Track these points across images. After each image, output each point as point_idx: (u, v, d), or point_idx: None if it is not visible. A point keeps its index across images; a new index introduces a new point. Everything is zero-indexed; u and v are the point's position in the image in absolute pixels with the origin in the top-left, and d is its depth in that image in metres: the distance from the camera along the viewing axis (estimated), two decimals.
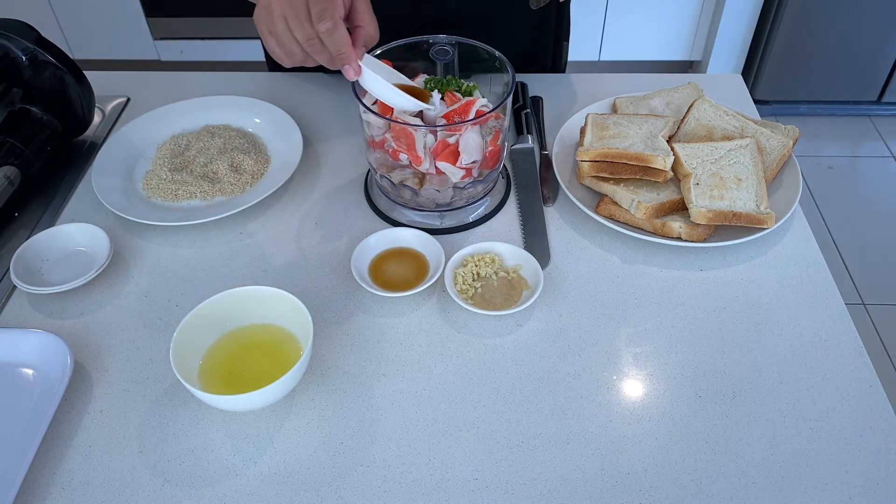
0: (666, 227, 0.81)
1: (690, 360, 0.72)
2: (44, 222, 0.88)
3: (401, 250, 0.81)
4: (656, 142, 0.84)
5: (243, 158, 0.92)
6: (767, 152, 0.88)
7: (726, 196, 0.81)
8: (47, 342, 0.70)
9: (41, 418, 0.65)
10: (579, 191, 0.87)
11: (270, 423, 0.67)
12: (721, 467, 0.63)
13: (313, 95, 1.06)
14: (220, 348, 0.69)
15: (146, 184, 0.90)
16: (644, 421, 0.67)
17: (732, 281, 0.79)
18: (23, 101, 0.92)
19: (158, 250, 0.84)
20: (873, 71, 2.42)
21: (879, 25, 2.28)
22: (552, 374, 0.70)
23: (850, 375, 0.70)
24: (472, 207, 0.86)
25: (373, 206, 0.88)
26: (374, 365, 0.71)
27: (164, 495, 0.62)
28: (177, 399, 0.69)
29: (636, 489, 0.62)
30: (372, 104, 0.80)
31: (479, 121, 0.78)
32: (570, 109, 1.02)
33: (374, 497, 0.62)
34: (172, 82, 1.09)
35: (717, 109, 0.91)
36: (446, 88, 0.81)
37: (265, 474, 0.63)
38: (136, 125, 0.97)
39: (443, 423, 0.67)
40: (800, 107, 2.56)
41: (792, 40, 2.35)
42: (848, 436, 0.65)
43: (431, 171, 0.80)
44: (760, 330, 0.74)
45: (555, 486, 0.62)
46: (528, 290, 0.76)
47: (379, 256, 0.80)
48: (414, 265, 0.79)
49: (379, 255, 0.80)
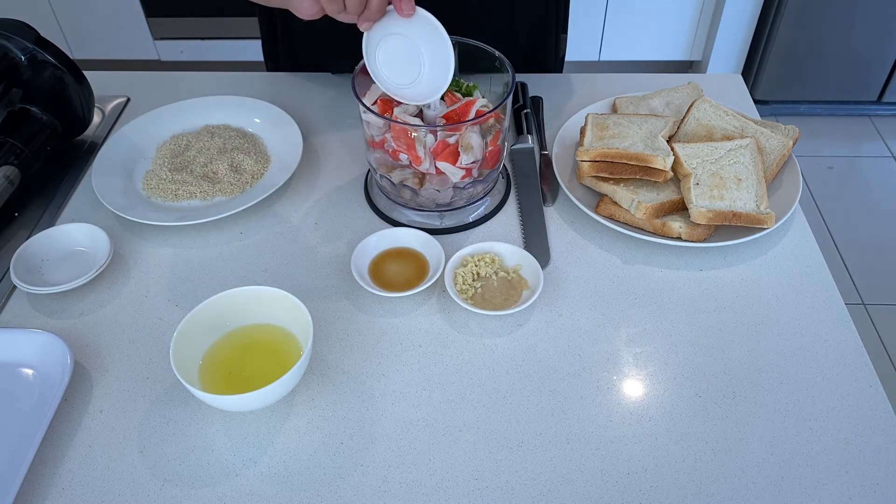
0: (666, 227, 0.81)
1: (690, 360, 0.72)
2: (44, 222, 0.88)
3: (401, 250, 0.81)
4: (656, 142, 0.84)
5: (243, 158, 0.92)
6: (767, 152, 0.88)
7: (726, 196, 0.81)
8: (47, 342, 0.70)
9: (41, 418, 0.65)
10: (579, 191, 0.87)
11: (270, 423, 0.67)
12: (721, 467, 0.63)
13: (313, 95, 1.06)
14: (220, 348, 0.69)
15: (146, 184, 0.90)
16: (644, 421, 0.67)
17: (732, 281, 0.79)
18: (23, 101, 0.92)
19: (158, 250, 0.84)
20: (873, 71, 2.42)
21: (879, 25, 2.28)
22: (552, 374, 0.70)
23: (850, 375, 0.70)
24: (472, 207, 0.86)
25: (373, 206, 0.88)
26: (374, 365, 0.71)
27: (164, 495, 0.62)
28: (177, 399, 0.69)
29: (636, 489, 0.62)
30: (372, 104, 0.80)
31: (479, 121, 0.78)
32: (570, 109, 1.02)
33: (374, 497, 0.62)
34: (172, 82, 1.09)
35: (717, 109, 0.91)
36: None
37: (265, 474, 0.63)
38: (136, 125, 0.97)
39: (443, 423, 0.67)
40: (800, 107, 2.56)
41: (792, 40, 2.35)
42: (848, 436, 0.65)
43: (431, 171, 0.80)
44: (760, 330, 0.74)
45: (555, 486, 0.62)
46: (528, 290, 0.76)
47: (379, 256, 0.80)
48: (414, 265, 0.79)
49: (379, 255, 0.80)
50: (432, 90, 0.73)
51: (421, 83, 0.72)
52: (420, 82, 0.72)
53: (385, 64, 0.73)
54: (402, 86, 0.74)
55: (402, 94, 0.75)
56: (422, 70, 0.71)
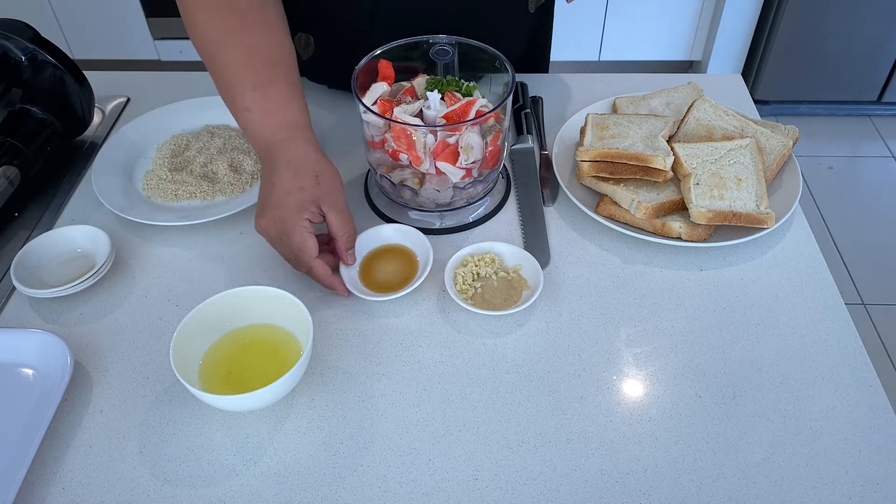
0: (666, 227, 0.81)
1: (690, 360, 0.72)
2: (44, 222, 0.88)
3: (387, 248, 0.81)
4: (656, 142, 0.84)
5: (243, 158, 0.92)
6: (767, 152, 0.88)
7: (726, 196, 0.81)
8: (47, 342, 0.70)
9: (41, 418, 0.65)
10: (579, 191, 0.87)
11: (270, 423, 0.67)
12: (721, 467, 0.63)
13: (313, 95, 1.06)
14: (220, 348, 0.69)
15: (146, 184, 0.90)
16: (644, 421, 0.67)
17: (732, 281, 0.79)
18: (23, 101, 0.92)
19: (158, 250, 0.84)
20: (873, 71, 2.42)
21: (879, 25, 2.28)
22: (552, 374, 0.70)
23: (850, 375, 0.70)
24: (472, 207, 0.86)
25: (373, 206, 0.88)
26: (374, 365, 0.71)
27: (164, 495, 0.62)
28: (177, 399, 0.69)
29: (636, 489, 0.62)
30: (372, 104, 0.80)
31: (479, 121, 0.78)
32: (570, 109, 1.02)
33: (374, 497, 0.62)
34: (172, 82, 1.09)
35: (717, 109, 0.91)
36: (446, 88, 0.81)
37: (265, 474, 0.63)
38: (136, 125, 0.97)
39: (443, 423, 0.67)
40: (800, 107, 2.56)
41: (792, 40, 2.35)
42: (848, 436, 0.65)
43: (431, 171, 0.80)
44: (760, 330, 0.74)
45: (555, 485, 0.62)
46: (528, 290, 0.76)
47: (367, 258, 0.80)
48: (403, 262, 0.79)
49: (367, 257, 0.80)
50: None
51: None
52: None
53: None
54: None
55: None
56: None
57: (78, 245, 0.81)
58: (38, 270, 0.79)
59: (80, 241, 0.81)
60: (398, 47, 0.84)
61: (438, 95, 0.80)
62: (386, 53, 0.84)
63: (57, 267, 0.80)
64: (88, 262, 0.80)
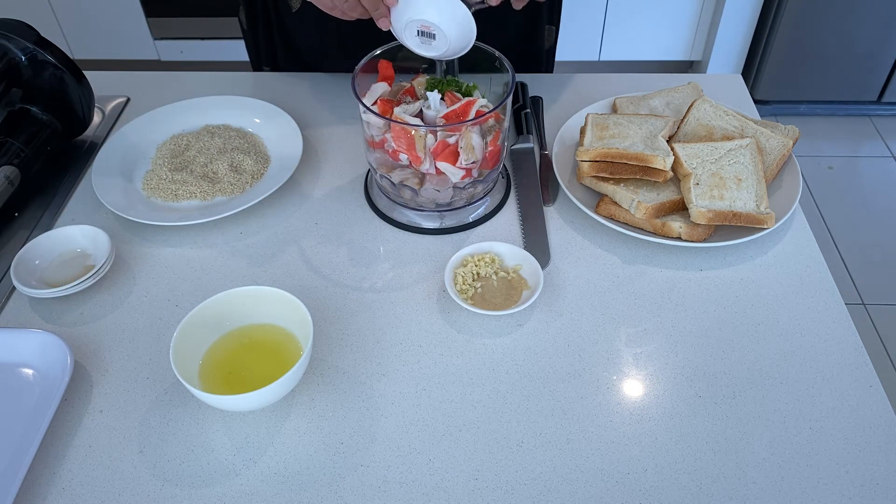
0: (666, 227, 0.81)
1: (690, 360, 0.72)
2: (44, 222, 0.88)
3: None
4: (656, 142, 0.84)
5: (243, 158, 0.92)
6: (767, 152, 0.88)
7: (726, 196, 0.81)
8: (47, 342, 0.70)
9: (41, 418, 0.65)
10: (579, 191, 0.87)
11: (270, 423, 0.67)
12: (721, 467, 0.63)
13: (313, 95, 1.06)
14: (220, 348, 0.69)
15: (146, 184, 0.90)
16: (644, 421, 0.67)
17: (732, 281, 0.79)
18: (23, 101, 0.92)
19: (158, 250, 0.84)
20: (873, 71, 2.42)
21: (879, 25, 2.28)
22: (552, 374, 0.70)
23: (850, 375, 0.70)
24: (472, 207, 0.86)
25: (373, 206, 0.88)
26: (374, 365, 0.71)
27: (164, 495, 0.62)
28: (177, 399, 0.69)
29: (636, 489, 0.62)
30: (372, 104, 0.80)
31: (479, 121, 0.78)
32: (570, 109, 1.02)
33: (374, 497, 0.62)
34: (172, 82, 1.09)
35: (717, 109, 0.91)
36: (446, 88, 0.81)
37: (265, 474, 0.63)
38: (136, 125, 0.97)
39: (443, 423, 0.67)
40: (800, 107, 2.56)
41: (792, 40, 2.35)
42: (848, 436, 0.65)
43: (431, 171, 0.80)
44: (760, 330, 0.74)
45: (555, 486, 0.62)
46: (528, 290, 0.76)
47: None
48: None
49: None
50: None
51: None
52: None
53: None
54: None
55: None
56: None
57: (78, 245, 0.81)
58: (38, 270, 0.79)
59: (80, 241, 0.81)
60: (398, 47, 0.84)
61: (438, 95, 0.80)
62: (386, 53, 0.84)
63: (57, 267, 0.80)
64: (88, 262, 0.80)
